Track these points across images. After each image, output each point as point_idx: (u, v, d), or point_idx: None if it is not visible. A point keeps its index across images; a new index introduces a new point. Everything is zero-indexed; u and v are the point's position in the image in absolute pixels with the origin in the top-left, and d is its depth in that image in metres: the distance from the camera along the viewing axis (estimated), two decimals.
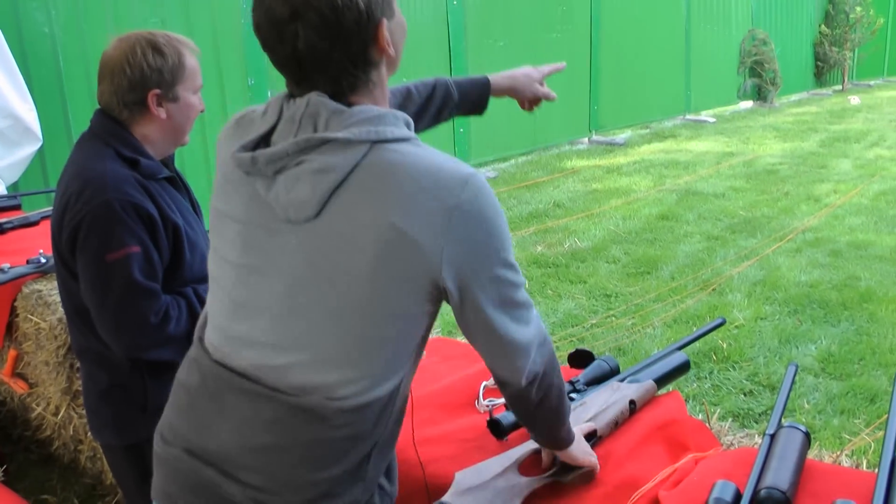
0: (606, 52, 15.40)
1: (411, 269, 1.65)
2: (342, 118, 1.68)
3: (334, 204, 1.65)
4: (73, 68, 8.04)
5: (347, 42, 1.66)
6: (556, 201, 10.68)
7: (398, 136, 1.69)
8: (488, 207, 1.70)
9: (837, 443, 4.61)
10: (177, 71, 2.62)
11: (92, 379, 2.76)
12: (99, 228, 2.45)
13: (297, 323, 1.73)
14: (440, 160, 1.71)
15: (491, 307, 1.74)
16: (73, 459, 4.53)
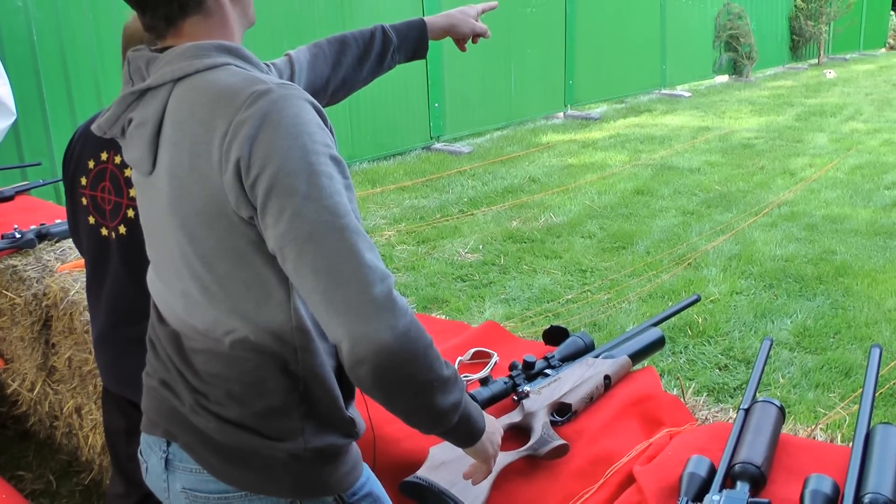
0: (582, 26, 15.39)
1: (207, 183, 1.57)
2: (156, 64, 1.65)
3: (162, 151, 1.64)
4: (47, 43, 7.97)
5: None
6: (531, 176, 10.67)
7: (204, 66, 1.62)
8: (289, 112, 1.52)
9: (812, 417, 4.62)
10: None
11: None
12: None
13: (176, 269, 1.74)
14: (245, 75, 1.60)
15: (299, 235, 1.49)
16: (48, 435, 4.52)
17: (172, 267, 1.74)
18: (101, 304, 2.80)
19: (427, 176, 10.74)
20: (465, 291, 6.76)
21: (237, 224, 1.58)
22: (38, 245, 4.25)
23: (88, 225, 2.72)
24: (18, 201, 5.08)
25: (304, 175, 1.48)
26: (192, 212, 1.61)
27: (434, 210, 9.15)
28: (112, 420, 2.98)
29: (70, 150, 2.79)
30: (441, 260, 7.47)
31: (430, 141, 12.74)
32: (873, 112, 15.15)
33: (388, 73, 9.79)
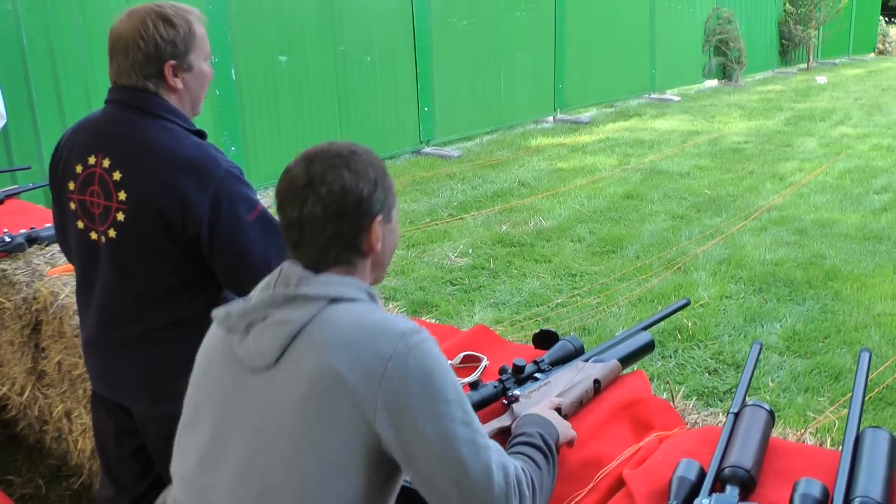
0: (571, 30, 15.40)
1: (343, 410, 1.72)
2: (308, 282, 1.85)
3: (291, 353, 1.80)
4: (37, 46, 7.96)
5: (342, 220, 1.86)
6: (520, 180, 10.68)
7: (354, 297, 1.85)
8: (427, 359, 1.75)
9: (801, 421, 4.63)
10: (189, 40, 2.61)
11: (167, 353, 2.69)
12: (236, 198, 2.57)
13: (258, 471, 1.81)
14: (388, 317, 1.84)
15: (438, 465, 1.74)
16: (38, 440, 4.50)
17: (257, 461, 1.81)
18: (90, 308, 2.79)
19: (416, 180, 10.73)
20: (454, 295, 6.76)
21: (367, 438, 1.75)
22: (28, 249, 4.24)
23: (77, 230, 2.71)
24: (8, 205, 5.06)
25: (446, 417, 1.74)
26: (329, 415, 1.74)
27: (424, 214, 9.15)
28: (101, 423, 2.97)
29: (57, 155, 2.79)
30: (431, 264, 7.47)
31: (420, 145, 12.73)
32: (862, 116, 15.21)
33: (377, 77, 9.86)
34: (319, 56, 10.96)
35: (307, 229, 1.85)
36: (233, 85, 9.88)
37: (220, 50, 9.60)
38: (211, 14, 9.41)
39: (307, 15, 10.73)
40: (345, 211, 1.85)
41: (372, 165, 1.91)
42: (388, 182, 1.97)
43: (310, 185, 1.84)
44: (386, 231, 1.96)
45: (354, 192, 1.85)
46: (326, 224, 1.84)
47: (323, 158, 1.87)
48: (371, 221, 1.89)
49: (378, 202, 1.90)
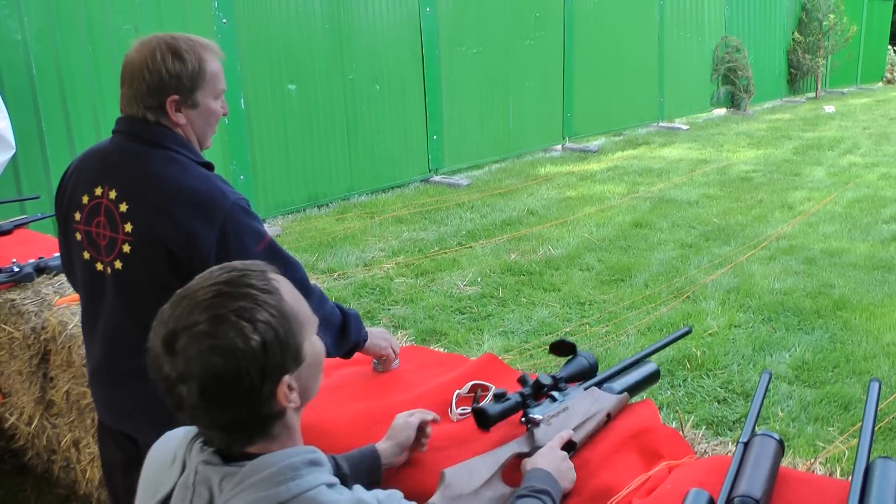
0: (580, 59, 15.47)
1: None
2: (233, 482, 1.58)
3: None
4: (46, 76, 8.01)
5: (234, 408, 1.57)
6: (529, 209, 10.69)
7: (293, 493, 1.55)
8: None
9: (811, 451, 4.61)
10: (196, 77, 2.59)
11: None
12: (242, 229, 2.54)
13: None
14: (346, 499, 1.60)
15: None
16: (46, 469, 4.50)
17: None
18: (96, 338, 2.79)
19: (425, 208, 10.75)
20: (463, 324, 6.76)
21: None
22: (37, 279, 4.25)
23: (83, 260, 2.72)
24: (17, 235, 5.08)
25: None
26: None
27: (432, 242, 9.16)
28: (108, 453, 2.97)
29: (63, 184, 2.79)
30: (439, 292, 7.47)
31: (429, 173, 12.77)
32: (871, 146, 15.21)
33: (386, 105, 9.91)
34: (328, 85, 11.01)
35: (199, 421, 1.62)
36: (242, 114, 9.92)
37: (229, 79, 9.54)
38: (220, 42, 9.45)
39: (316, 43, 10.79)
40: (230, 399, 1.56)
41: (255, 324, 1.55)
42: (286, 325, 1.60)
43: (180, 379, 1.54)
44: (300, 374, 1.65)
45: (237, 377, 1.53)
46: (215, 417, 1.59)
47: (186, 338, 1.55)
48: (275, 390, 1.59)
49: (275, 367, 1.58)
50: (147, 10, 8.81)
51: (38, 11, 7.93)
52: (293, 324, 1.60)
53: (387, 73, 11.81)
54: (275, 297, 1.59)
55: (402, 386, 2.92)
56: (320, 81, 10.89)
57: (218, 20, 9.51)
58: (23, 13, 7.81)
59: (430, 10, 12.32)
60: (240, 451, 1.62)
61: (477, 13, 13.27)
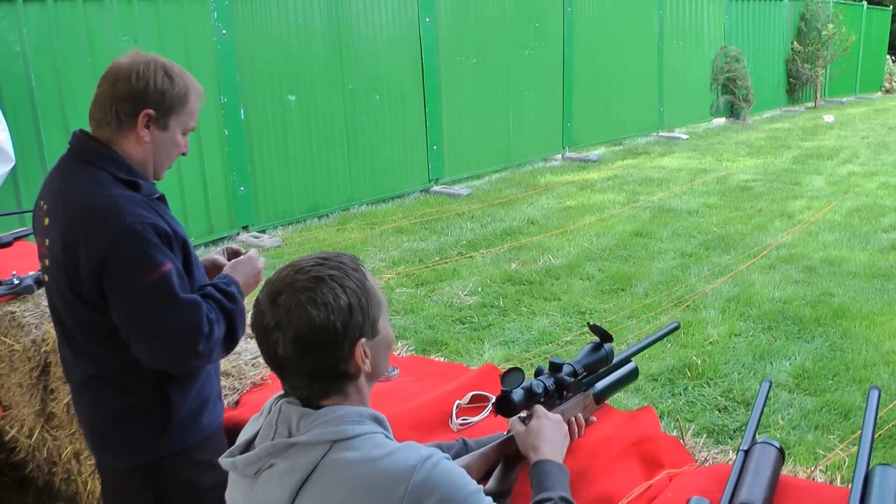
0: (580, 68, 15.50)
1: None
2: (308, 421, 1.81)
3: (300, 502, 1.76)
4: (46, 88, 8.03)
5: (320, 357, 1.80)
6: (529, 218, 10.71)
7: (356, 433, 1.79)
8: (441, 486, 1.71)
9: (811, 458, 4.61)
10: (178, 101, 2.58)
11: (102, 404, 2.69)
12: (129, 255, 2.41)
13: None
14: (394, 452, 1.76)
15: None
16: (47, 482, 4.47)
17: None
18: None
19: (425, 218, 10.76)
20: (464, 334, 6.77)
21: None
22: (37, 291, 4.24)
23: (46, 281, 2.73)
24: (17, 247, 5.07)
25: None
26: None
27: (433, 252, 9.17)
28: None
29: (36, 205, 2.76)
30: (440, 302, 7.47)
31: (429, 183, 12.78)
32: (870, 155, 15.23)
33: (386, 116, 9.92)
34: (328, 95, 11.03)
35: (287, 368, 1.82)
36: (241, 124, 9.94)
37: (229, 89, 9.67)
38: (220, 54, 9.50)
39: (316, 54, 10.81)
40: (318, 348, 1.78)
41: (345, 288, 1.82)
42: (367, 297, 1.86)
43: (278, 327, 1.78)
44: (373, 345, 1.88)
45: (326, 328, 1.77)
46: (302, 365, 1.80)
47: (288, 293, 1.79)
48: (352, 348, 1.82)
49: (356, 327, 1.82)
50: (147, 21, 8.83)
51: (37, 23, 7.94)
52: (373, 298, 1.87)
53: (386, 84, 11.82)
54: (360, 274, 1.87)
55: (403, 396, 2.92)
56: (320, 92, 10.90)
57: (217, 31, 9.52)
58: (22, 25, 7.83)
59: (429, 21, 12.34)
60: (317, 403, 1.85)
61: (476, 23, 13.30)
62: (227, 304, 2.59)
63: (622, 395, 5.56)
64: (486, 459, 2.21)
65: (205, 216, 9.70)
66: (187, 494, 2.70)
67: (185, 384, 2.62)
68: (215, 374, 2.83)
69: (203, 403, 2.71)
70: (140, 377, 2.56)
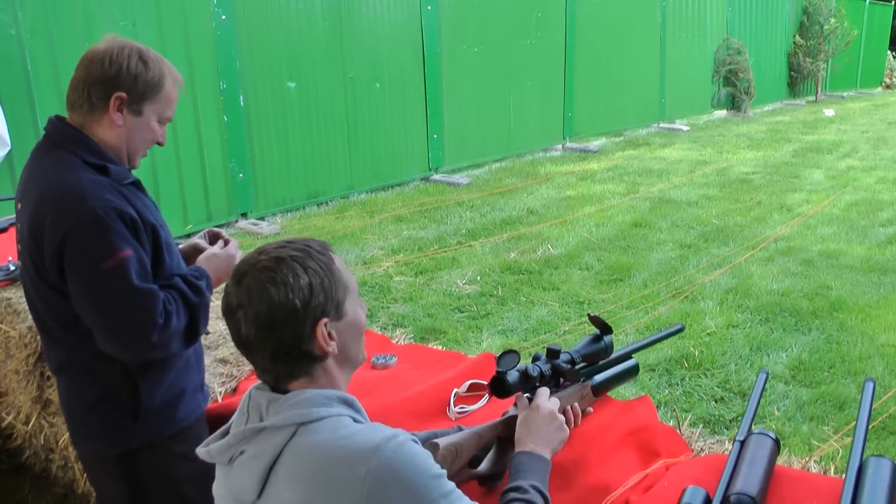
0: (581, 59, 15.48)
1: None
2: (277, 405, 1.83)
3: (271, 486, 1.78)
4: (42, 71, 7.99)
5: (280, 336, 1.82)
6: (529, 208, 10.71)
7: (322, 416, 1.80)
8: (404, 469, 1.71)
9: (806, 449, 4.63)
10: (151, 87, 2.55)
11: (76, 391, 2.69)
12: (88, 238, 2.38)
13: None
14: (356, 434, 1.77)
15: None
16: (44, 469, 4.46)
17: None
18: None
19: (425, 207, 10.76)
20: (462, 322, 6.78)
21: None
22: None
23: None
24: (12, 233, 5.01)
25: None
26: None
27: (432, 241, 9.17)
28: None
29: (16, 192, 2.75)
30: (439, 291, 7.48)
31: (429, 172, 12.79)
32: (869, 150, 15.24)
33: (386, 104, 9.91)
34: (328, 83, 11.01)
35: (251, 348, 1.85)
36: (241, 111, 9.93)
37: (228, 76, 9.65)
38: (220, 40, 9.48)
39: (316, 41, 10.80)
40: (277, 327, 1.81)
41: (306, 269, 1.85)
42: (331, 278, 1.88)
43: (240, 307, 1.82)
44: (339, 328, 1.89)
45: (285, 306, 1.80)
46: (264, 343, 1.82)
47: (251, 273, 1.83)
48: (314, 327, 1.84)
49: (317, 306, 1.83)
50: (145, 5, 8.78)
51: (33, 6, 7.89)
52: (338, 281, 1.89)
53: (387, 72, 11.81)
54: (325, 257, 1.89)
55: (401, 384, 2.93)
56: (320, 79, 10.89)
57: (217, 16, 9.50)
58: (17, 7, 7.78)
59: (431, 9, 12.33)
60: (285, 387, 1.87)
61: (479, 12, 13.28)
62: (191, 296, 2.56)
63: (619, 385, 5.58)
64: (477, 439, 2.22)
65: (203, 203, 9.69)
66: (164, 485, 2.69)
67: (156, 374, 2.61)
68: (195, 365, 2.81)
69: (179, 394, 2.69)
70: (110, 365, 2.55)
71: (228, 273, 2.74)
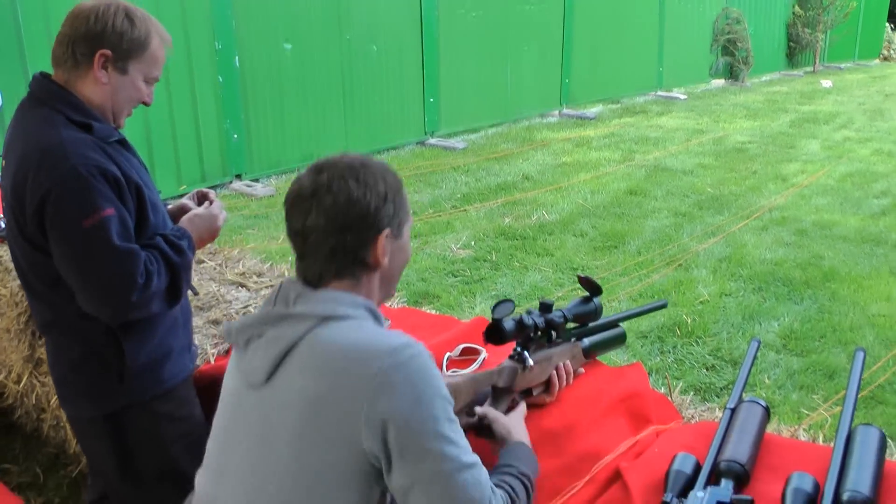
0: (580, 25, 15.40)
1: (332, 432, 1.72)
2: (305, 298, 1.86)
3: (281, 371, 1.80)
4: (34, 27, 7.88)
5: (346, 232, 1.84)
6: (525, 174, 10.70)
7: (347, 314, 1.83)
8: (416, 376, 1.72)
9: (796, 417, 4.66)
10: (137, 45, 2.51)
11: (61, 351, 2.69)
12: (69, 196, 2.35)
13: (256, 486, 1.82)
14: (375, 334, 1.80)
15: (423, 482, 1.70)
16: (35, 428, 4.45)
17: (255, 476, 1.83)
18: None
19: (420, 171, 10.75)
20: (456, 287, 6.78)
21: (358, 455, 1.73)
22: None
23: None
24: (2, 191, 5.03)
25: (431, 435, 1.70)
26: (319, 435, 1.74)
27: (427, 205, 9.16)
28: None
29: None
30: (433, 255, 7.48)
31: (425, 136, 12.75)
32: (865, 121, 15.20)
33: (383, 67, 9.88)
34: (325, 44, 10.95)
35: (310, 239, 1.85)
36: (236, 72, 9.88)
37: (224, 36, 9.60)
38: (216, 1, 9.40)
39: (313, 2, 10.72)
40: (349, 223, 1.83)
41: (384, 179, 1.89)
42: (400, 198, 1.93)
43: (315, 194, 1.83)
44: (394, 247, 1.94)
45: (360, 204, 1.83)
46: (329, 236, 1.83)
47: (332, 168, 1.86)
48: (377, 236, 1.87)
49: (387, 217, 1.87)
50: None
51: None
52: (404, 203, 1.96)
53: (384, 34, 11.74)
54: (400, 180, 1.96)
55: None
56: (316, 41, 10.82)
57: None
58: None
59: None
60: (324, 284, 1.89)
61: None
62: (172, 256, 2.54)
63: (612, 352, 5.59)
64: (474, 384, 2.26)
65: (197, 163, 9.67)
66: (150, 445, 2.69)
67: (141, 334, 2.59)
68: (183, 325, 2.80)
69: (165, 354, 2.69)
70: (94, 325, 2.54)
71: (211, 233, 2.77)
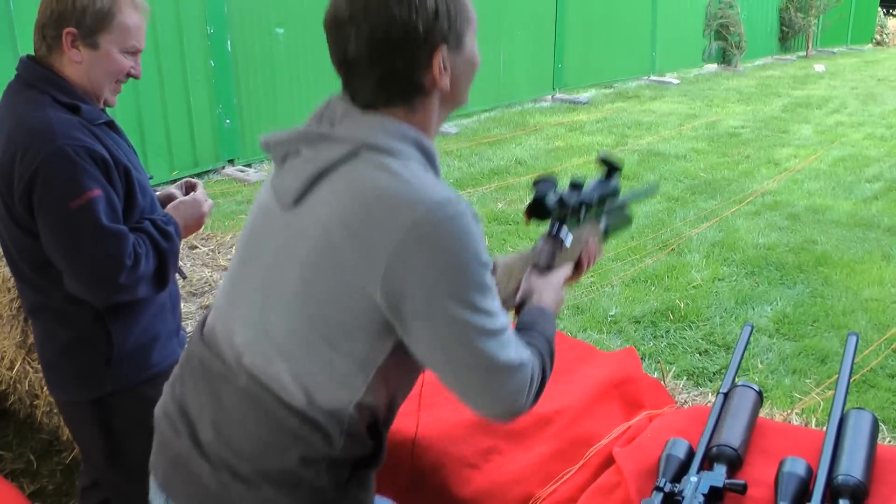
0: (572, 10, 15.38)
1: (347, 273, 1.59)
2: (350, 119, 1.69)
3: (311, 196, 1.66)
4: (25, 11, 7.81)
5: (394, 60, 1.65)
6: (517, 158, 10.69)
7: (392, 148, 1.65)
8: (450, 237, 1.56)
9: (788, 402, 4.66)
10: (101, 17, 2.45)
11: (49, 336, 2.68)
12: (56, 177, 2.33)
13: (266, 305, 1.73)
14: (419, 180, 1.61)
15: (440, 349, 1.60)
16: (28, 415, 4.43)
17: (266, 297, 1.74)
18: None
19: None
20: None
21: (370, 305, 1.60)
22: None
23: None
24: None
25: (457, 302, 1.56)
26: (332, 273, 1.61)
27: None
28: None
29: None
30: None
31: None
32: (858, 106, 15.22)
33: None
34: (317, 29, 10.55)
35: (356, 72, 1.68)
36: (228, 57, 9.84)
37: (216, 20, 9.56)
38: None
39: None
40: (393, 48, 1.63)
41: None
42: (457, 8, 1.71)
43: (352, 21, 1.63)
44: (455, 61, 1.75)
45: (406, 25, 1.61)
46: (374, 65, 1.65)
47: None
48: (432, 54, 1.67)
49: (440, 33, 1.66)
50: None
51: None
52: (463, 10, 1.74)
53: None
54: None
55: None
56: (309, 25, 10.74)
57: None
58: None
59: None
60: (375, 108, 1.70)
61: None
62: (161, 241, 2.52)
63: (605, 337, 5.61)
64: (523, 262, 2.12)
65: (190, 148, 9.63)
66: (137, 430, 2.60)
67: (128, 319, 2.58)
68: (171, 310, 2.78)
69: (153, 339, 2.67)
70: (81, 309, 2.52)
71: (197, 220, 2.74)
